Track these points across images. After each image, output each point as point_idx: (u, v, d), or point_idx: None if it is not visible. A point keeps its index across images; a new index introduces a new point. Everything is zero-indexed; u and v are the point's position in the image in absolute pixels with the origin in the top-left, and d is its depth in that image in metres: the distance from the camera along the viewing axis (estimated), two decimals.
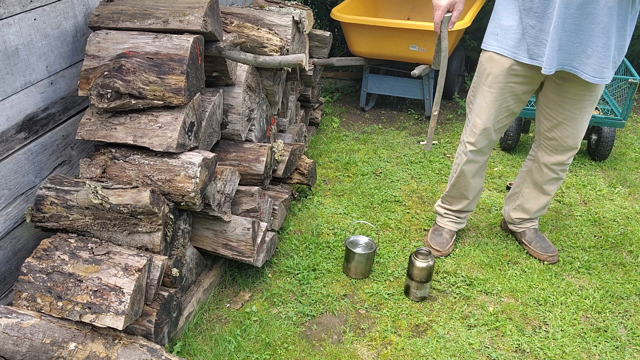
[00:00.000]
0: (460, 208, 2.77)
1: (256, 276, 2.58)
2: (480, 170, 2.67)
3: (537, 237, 2.79)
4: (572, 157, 2.55)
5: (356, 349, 2.23)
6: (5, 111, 1.85)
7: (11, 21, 1.82)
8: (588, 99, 2.35)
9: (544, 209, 2.76)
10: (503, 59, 2.32)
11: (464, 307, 2.45)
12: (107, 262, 1.84)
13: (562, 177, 2.63)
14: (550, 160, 2.56)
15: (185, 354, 2.14)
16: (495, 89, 2.39)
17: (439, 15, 2.21)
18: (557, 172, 2.59)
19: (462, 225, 2.84)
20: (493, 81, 2.38)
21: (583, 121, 2.43)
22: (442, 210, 2.83)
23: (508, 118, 2.50)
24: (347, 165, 3.59)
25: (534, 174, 2.65)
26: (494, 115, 2.45)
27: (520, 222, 2.80)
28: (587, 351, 2.26)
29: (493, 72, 2.37)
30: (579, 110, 2.38)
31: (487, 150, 2.59)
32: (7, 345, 1.73)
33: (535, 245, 2.76)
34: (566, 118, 2.42)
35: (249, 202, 2.45)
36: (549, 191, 2.67)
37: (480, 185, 2.74)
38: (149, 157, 2.02)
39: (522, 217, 2.77)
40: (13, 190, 1.94)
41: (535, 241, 2.78)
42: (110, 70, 1.97)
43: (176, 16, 2.07)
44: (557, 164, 2.56)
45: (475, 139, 2.52)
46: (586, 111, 2.40)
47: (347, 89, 4.93)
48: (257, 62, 2.18)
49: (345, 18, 3.99)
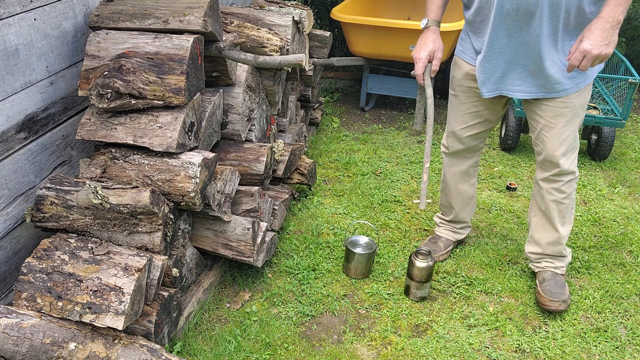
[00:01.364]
0: (451, 218, 2.73)
1: (256, 276, 2.58)
2: (466, 177, 2.60)
3: (552, 280, 2.45)
4: (560, 176, 2.31)
5: (356, 349, 2.23)
6: (5, 111, 1.85)
7: (11, 21, 1.82)
8: (562, 106, 2.19)
9: (557, 246, 2.45)
10: (463, 62, 2.33)
11: (464, 307, 2.45)
12: (107, 262, 1.84)
13: (560, 199, 2.36)
14: (539, 176, 2.39)
15: (185, 354, 2.14)
16: (459, 93, 2.39)
17: (420, 68, 2.22)
18: (551, 191, 2.35)
19: (461, 236, 2.77)
20: (456, 84, 2.39)
21: (562, 132, 2.22)
22: (438, 220, 2.82)
23: (483, 125, 2.42)
24: (347, 165, 3.59)
25: (537, 199, 2.46)
26: (460, 119, 2.43)
27: (537, 260, 2.52)
28: (587, 351, 2.26)
29: (455, 76, 2.38)
30: (554, 118, 2.21)
31: (465, 155, 2.53)
32: (7, 345, 1.73)
33: (543, 287, 2.42)
34: (543, 127, 2.26)
35: (249, 202, 2.45)
36: (551, 217, 2.40)
37: (468, 194, 2.65)
38: (149, 157, 2.02)
39: (535, 251, 2.51)
40: (13, 190, 1.94)
41: (547, 283, 2.44)
42: (110, 70, 1.97)
43: (176, 16, 2.07)
44: (545, 180, 2.35)
45: (446, 142, 2.55)
46: (563, 120, 2.21)
47: (347, 89, 4.93)
48: (257, 62, 2.18)
49: (345, 18, 3.99)
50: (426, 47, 2.22)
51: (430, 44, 2.22)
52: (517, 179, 3.51)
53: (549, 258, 2.49)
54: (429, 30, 2.25)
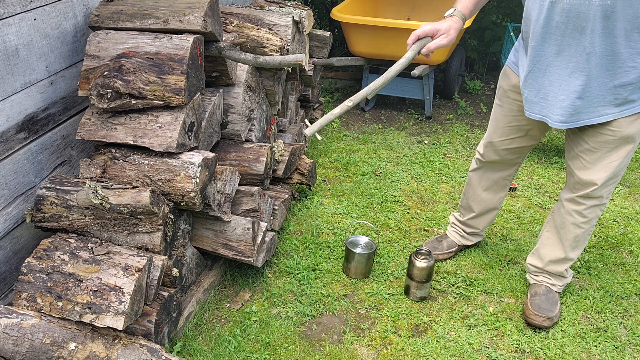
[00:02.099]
0: (466, 220, 2.67)
1: (256, 276, 2.58)
2: (493, 186, 2.52)
3: (545, 296, 2.37)
4: (587, 199, 2.17)
5: (356, 349, 2.23)
6: (5, 111, 1.85)
7: (11, 21, 1.82)
8: (609, 133, 2.03)
9: (560, 268, 2.37)
10: (512, 73, 2.22)
11: (464, 307, 2.45)
12: (107, 262, 1.84)
13: (577, 221, 2.24)
14: (565, 195, 2.26)
15: (185, 354, 2.14)
16: (504, 103, 2.29)
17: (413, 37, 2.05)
18: (572, 213, 2.24)
19: (467, 242, 2.73)
20: (502, 95, 2.29)
21: (603, 158, 2.07)
22: (452, 219, 2.77)
23: (524, 140, 2.31)
24: (347, 165, 3.59)
25: (555, 214, 2.35)
26: (500, 131, 2.33)
27: (535, 273, 2.46)
28: (587, 351, 2.26)
29: (502, 86, 2.28)
30: (597, 144, 2.06)
31: (498, 166, 2.45)
32: (7, 345, 1.73)
33: (533, 300, 2.37)
34: (583, 150, 2.11)
35: (249, 202, 2.45)
36: (564, 239, 2.31)
37: (491, 201, 2.57)
38: (149, 157, 2.02)
39: (536, 264, 2.44)
40: (13, 190, 1.94)
41: (538, 297, 2.37)
42: (110, 70, 1.97)
43: (176, 16, 2.07)
44: (570, 201, 2.23)
45: (482, 149, 2.46)
46: (607, 147, 2.05)
47: (347, 89, 4.93)
48: (257, 62, 2.18)
49: (345, 18, 3.99)
50: (439, 25, 2.05)
51: (444, 26, 2.04)
52: (517, 179, 3.51)
53: (548, 275, 2.42)
54: (449, 18, 2.09)
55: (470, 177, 2.58)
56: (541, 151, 3.83)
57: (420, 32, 2.05)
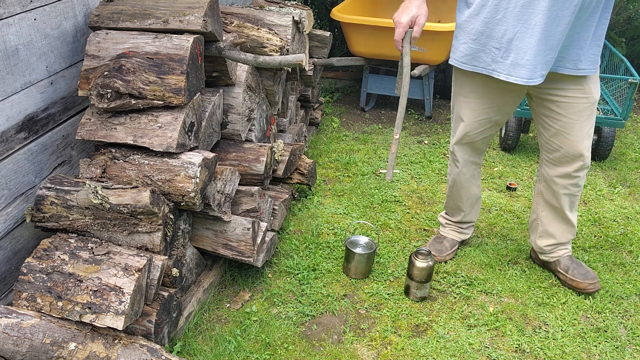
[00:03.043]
0: (459, 219, 2.72)
1: (256, 276, 2.58)
2: (473, 180, 2.60)
3: (574, 264, 2.55)
4: (581, 170, 2.34)
5: (356, 349, 2.23)
6: (5, 111, 1.85)
7: (11, 21, 1.82)
8: (584, 101, 2.20)
9: (570, 232, 2.53)
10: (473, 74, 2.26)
11: (464, 307, 2.45)
12: (107, 262, 1.84)
13: (574, 192, 2.41)
14: (555, 172, 2.38)
15: (185, 354, 2.14)
16: (472, 99, 2.34)
17: (400, 33, 2.10)
18: (567, 186, 2.38)
19: (466, 235, 2.78)
20: (468, 91, 2.33)
21: (583, 127, 2.24)
22: (443, 220, 2.80)
23: (492, 129, 2.42)
24: (347, 165, 3.59)
25: (545, 194, 2.47)
26: (474, 126, 2.39)
27: (551, 250, 2.56)
28: (587, 351, 2.26)
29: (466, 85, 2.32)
30: (575, 114, 2.22)
31: (475, 160, 2.53)
32: (7, 345, 1.73)
33: (573, 273, 2.52)
34: (564, 125, 2.25)
35: (249, 202, 2.45)
36: (565, 209, 2.45)
37: (475, 194, 2.65)
38: (149, 157, 2.02)
39: (550, 243, 2.54)
40: (13, 190, 1.94)
41: (572, 268, 2.53)
42: (110, 70, 1.97)
43: (176, 16, 2.07)
44: (563, 176, 2.36)
45: (455, 149, 2.51)
46: (585, 115, 2.22)
47: (347, 89, 4.93)
48: (257, 62, 2.18)
49: (345, 18, 3.99)
50: (409, 11, 2.08)
51: (414, 9, 2.08)
52: (517, 179, 3.51)
53: (562, 245, 2.55)
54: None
55: (454, 179, 2.61)
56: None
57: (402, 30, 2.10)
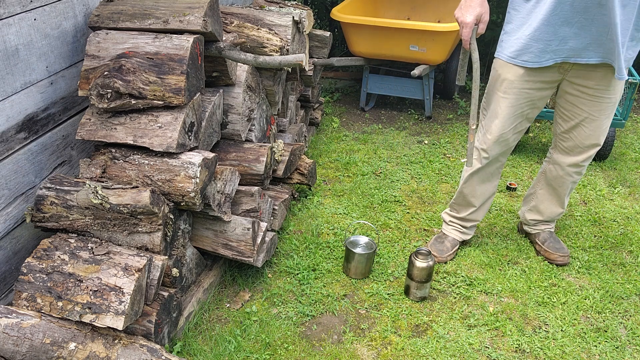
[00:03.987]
0: (465, 215, 2.70)
1: (256, 276, 2.58)
2: (491, 178, 2.61)
3: (551, 238, 2.76)
4: (590, 158, 2.48)
5: (356, 349, 2.23)
6: (5, 111, 1.85)
7: (11, 21, 1.82)
8: (607, 100, 2.30)
9: (559, 213, 2.71)
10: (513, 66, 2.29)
11: (464, 307, 2.45)
12: (107, 262, 1.84)
13: (576, 180, 2.57)
14: (566, 161, 2.51)
15: (185, 354, 2.14)
16: (510, 95, 2.34)
17: (467, 32, 2.16)
18: (572, 174, 2.54)
19: (468, 236, 2.77)
20: (508, 86, 2.33)
21: (603, 123, 2.37)
22: (447, 217, 2.79)
23: (523, 124, 2.44)
24: (347, 165, 3.59)
25: (548, 174, 2.61)
26: (509, 122, 2.39)
27: (535, 224, 2.78)
28: (587, 351, 2.26)
29: (508, 77, 2.32)
30: (597, 112, 2.33)
31: (501, 158, 2.55)
32: (7, 345, 1.73)
33: (548, 245, 2.73)
34: (584, 120, 2.36)
35: (249, 202, 2.45)
36: (561, 193, 2.63)
37: (489, 192, 2.66)
38: (149, 157, 2.02)
39: (536, 218, 2.75)
40: (13, 190, 1.94)
41: (549, 242, 2.74)
42: (110, 70, 1.97)
43: (176, 16, 2.07)
44: (573, 165, 2.51)
45: (488, 145, 2.47)
46: (606, 113, 2.34)
47: (347, 89, 4.93)
48: (257, 62, 2.18)
49: (345, 18, 3.99)
50: (473, 10, 2.13)
51: (478, 7, 2.13)
52: (517, 179, 3.51)
53: (547, 222, 2.76)
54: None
55: (469, 178, 2.60)
56: (541, 151, 3.83)
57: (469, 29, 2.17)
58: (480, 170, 2.57)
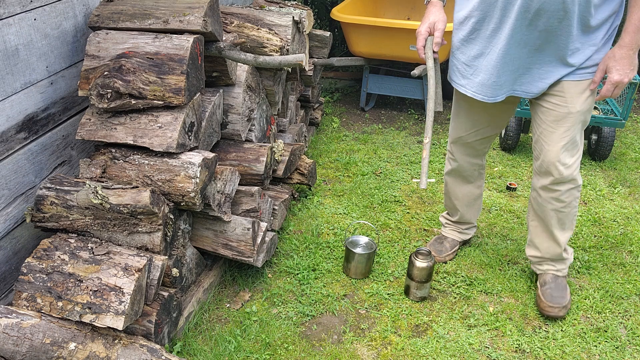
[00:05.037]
0: (457, 219, 2.71)
1: (256, 276, 2.58)
2: (471, 179, 2.57)
3: (553, 283, 2.42)
4: (557, 185, 2.22)
5: (356, 349, 2.23)
6: (5, 111, 1.85)
7: (11, 21, 1.82)
8: (562, 110, 2.12)
9: (555, 250, 2.40)
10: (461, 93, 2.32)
11: (464, 307, 2.45)
12: (107, 262, 1.84)
13: (556, 207, 2.29)
14: (536, 183, 2.31)
15: (185, 354, 2.14)
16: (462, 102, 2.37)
17: (420, 41, 2.15)
18: (549, 199, 2.28)
19: (467, 236, 2.76)
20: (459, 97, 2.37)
21: (561, 138, 2.14)
22: (444, 220, 2.80)
23: (486, 131, 2.39)
24: (347, 165, 3.59)
25: (533, 204, 2.39)
26: (466, 126, 2.39)
27: (538, 262, 2.49)
28: (587, 351, 2.26)
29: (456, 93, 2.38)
30: (554, 123, 2.14)
31: (472, 160, 2.50)
32: (7, 345, 1.73)
33: (544, 290, 2.40)
34: (543, 132, 2.19)
35: (249, 202, 2.45)
36: (551, 226, 2.34)
37: (473, 193, 2.62)
38: (149, 157, 2.02)
39: (535, 255, 2.48)
40: (13, 190, 1.94)
41: (548, 286, 2.41)
42: (110, 70, 1.97)
43: (176, 16, 2.07)
44: (543, 188, 2.28)
45: (450, 147, 2.51)
46: (564, 125, 2.13)
47: (347, 89, 4.93)
48: (257, 62, 2.18)
49: (345, 18, 3.99)
50: (426, 20, 2.16)
51: (430, 16, 2.15)
52: (517, 179, 3.51)
53: (550, 261, 2.45)
54: (430, 4, 2.20)
55: (446, 179, 2.62)
56: None
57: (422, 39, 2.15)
58: (452, 171, 2.57)
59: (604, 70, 2.02)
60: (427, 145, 2.03)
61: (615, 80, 1.98)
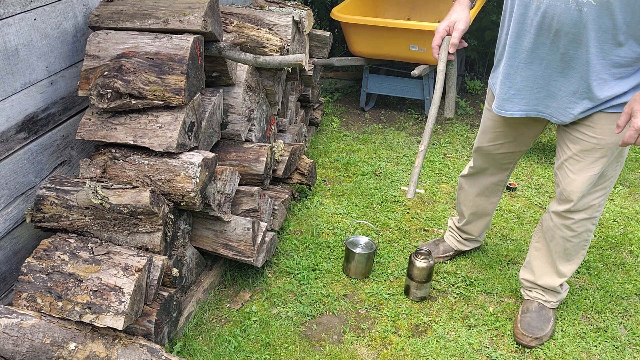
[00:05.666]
0: (460, 226, 2.64)
1: (256, 276, 2.58)
2: (485, 191, 2.47)
3: (535, 313, 2.29)
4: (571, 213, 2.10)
5: (356, 349, 2.23)
6: (5, 111, 1.85)
7: (11, 21, 1.82)
8: (592, 141, 1.97)
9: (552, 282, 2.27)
10: None
11: (464, 307, 2.45)
12: (107, 262, 1.84)
13: (566, 235, 2.16)
14: (553, 207, 2.18)
15: (185, 354, 2.14)
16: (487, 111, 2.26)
17: (435, 39, 1.99)
18: (560, 226, 2.15)
19: (464, 247, 2.69)
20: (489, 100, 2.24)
21: (586, 170, 2.00)
22: (450, 222, 2.74)
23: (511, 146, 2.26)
24: (347, 165, 3.59)
25: (543, 223, 2.25)
26: (488, 137, 2.28)
27: (529, 287, 2.36)
28: (587, 351, 2.26)
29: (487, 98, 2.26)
30: (581, 153, 2.00)
31: (488, 171, 2.40)
32: (7, 345, 1.73)
33: (522, 317, 2.29)
34: (568, 159, 2.05)
35: (249, 202, 2.45)
36: (553, 250, 2.22)
37: (483, 207, 2.51)
38: (149, 157, 2.02)
39: (529, 279, 2.35)
40: (13, 190, 1.94)
41: (529, 315, 2.29)
42: (110, 70, 1.97)
43: (176, 16, 2.07)
44: (557, 214, 2.14)
45: (475, 154, 2.42)
46: (591, 157, 1.98)
47: (347, 89, 4.93)
48: (257, 62, 2.18)
49: (345, 18, 3.99)
50: (447, 18, 2.00)
51: (453, 15, 1.99)
52: (517, 179, 3.51)
53: (542, 291, 2.32)
54: (457, 2, 2.04)
55: (461, 181, 2.55)
56: (541, 151, 3.83)
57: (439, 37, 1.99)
58: (469, 177, 2.49)
59: (630, 113, 1.77)
60: (422, 154, 1.87)
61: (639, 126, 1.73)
